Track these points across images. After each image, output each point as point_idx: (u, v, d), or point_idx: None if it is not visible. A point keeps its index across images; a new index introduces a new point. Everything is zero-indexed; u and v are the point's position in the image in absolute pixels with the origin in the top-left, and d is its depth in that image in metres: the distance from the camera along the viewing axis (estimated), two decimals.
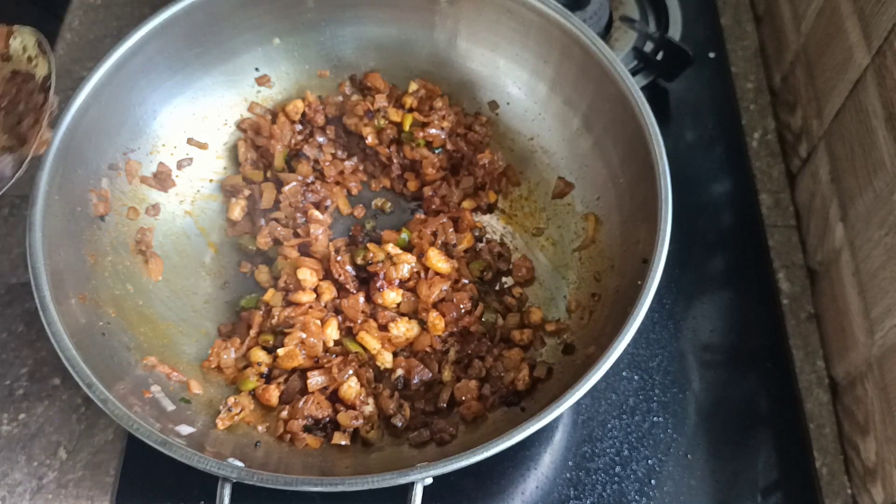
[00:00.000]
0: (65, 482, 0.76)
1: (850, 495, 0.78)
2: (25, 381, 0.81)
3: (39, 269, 0.65)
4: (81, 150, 0.73)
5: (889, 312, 0.72)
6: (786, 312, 0.87)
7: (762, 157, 0.97)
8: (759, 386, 0.81)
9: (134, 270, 0.77)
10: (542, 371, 0.74)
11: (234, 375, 0.75)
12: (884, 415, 0.72)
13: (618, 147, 0.76)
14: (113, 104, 0.76)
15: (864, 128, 0.77)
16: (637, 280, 0.66)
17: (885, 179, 0.72)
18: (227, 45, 0.84)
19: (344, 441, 0.71)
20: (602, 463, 0.77)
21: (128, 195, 0.79)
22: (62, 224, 0.70)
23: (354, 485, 0.57)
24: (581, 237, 0.81)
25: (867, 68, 0.76)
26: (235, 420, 0.71)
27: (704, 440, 0.78)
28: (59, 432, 0.78)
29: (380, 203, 0.88)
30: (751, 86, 1.02)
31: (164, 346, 0.74)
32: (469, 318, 0.78)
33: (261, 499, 0.67)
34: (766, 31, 1.04)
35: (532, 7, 0.78)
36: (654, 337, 0.84)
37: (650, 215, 0.68)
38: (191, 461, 0.58)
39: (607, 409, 0.80)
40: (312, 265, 0.79)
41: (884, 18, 0.73)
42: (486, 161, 0.85)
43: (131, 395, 0.65)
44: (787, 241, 0.91)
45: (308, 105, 0.88)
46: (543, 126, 0.85)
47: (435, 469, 0.58)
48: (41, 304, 0.63)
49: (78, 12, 1.06)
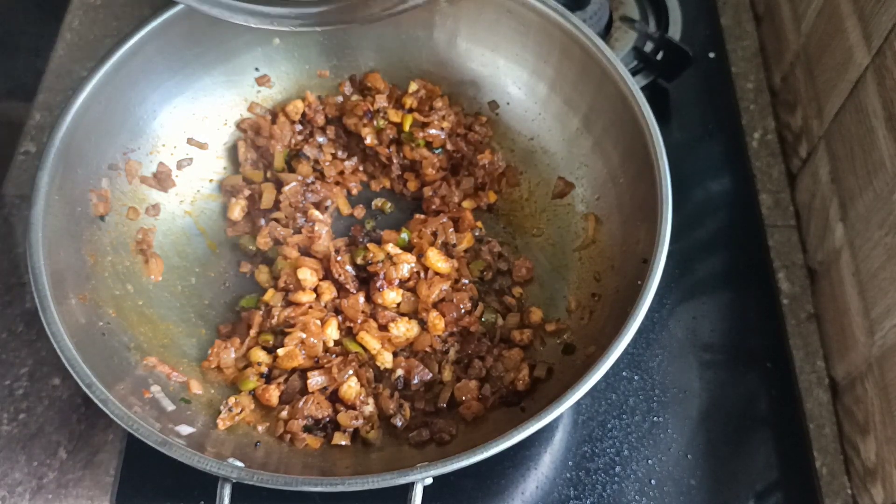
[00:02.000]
0: (65, 482, 0.76)
1: (850, 495, 0.78)
2: (25, 381, 0.81)
3: (39, 269, 0.65)
4: (81, 150, 0.73)
5: (889, 312, 0.72)
6: (786, 312, 0.87)
7: (762, 156, 0.97)
8: (759, 386, 0.81)
9: (134, 270, 0.77)
10: (542, 371, 0.74)
11: (234, 375, 0.75)
12: (884, 415, 0.72)
13: (618, 147, 0.76)
14: (113, 104, 0.76)
15: (864, 128, 0.77)
16: (637, 280, 0.66)
17: (885, 179, 0.72)
18: (227, 45, 0.84)
19: (344, 441, 0.71)
20: (602, 463, 0.77)
21: (128, 195, 0.79)
22: (62, 224, 0.70)
23: (354, 485, 0.57)
24: (581, 237, 0.81)
25: (867, 68, 0.76)
26: (236, 420, 0.71)
27: (704, 440, 0.78)
28: (59, 432, 0.78)
29: (380, 203, 0.88)
30: (751, 86, 1.02)
31: (164, 346, 0.74)
32: (469, 318, 0.78)
33: (261, 499, 0.67)
34: (766, 31, 1.04)
35: (532, 7, 0.78)
36: (654, 337, 0.84)
37: (650, 215, 0.68)
38: (191, 461, 0.58)
39: (607, 409, 0.80)
40: (312, 265, 0.79)
41: (884, 18, 0.73)
42: (486, 161, 0.85)
43: (131, 395, 0.65)
44: (787, 241, 0.91)
45: (308, 105, 0.88)
46: (543, 126, 0.85)
47: (435, 469, 0.58)
48: (41, 304, 0.63)
49: (78, 12, 1.06)
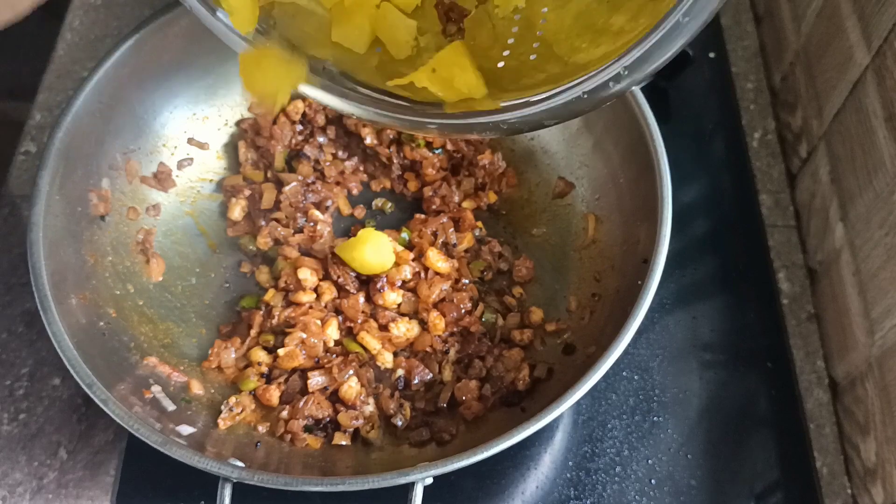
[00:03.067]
0: (65, 482, 0.76)
1: (850, 495, 0.78)
2: (26, 381, 0.81)
3: (40, 269, 0.65)
4: (82, 150, 0.73)
5: (889, 312, 0.72)
6: (786, 312, 0.87)
7: (762, 157, 0.97)
8: (759, 386, 0.81)
9: (134, 270, 0.77)
10: (542, 371, 0.74)
11: (235, 375, 0.75)
12: (884, 415, 0.72)
13: (618, 147, 0.76)
14: (113, 104, 0.76)
15: (863, 128, 0.77)
16: (637, 280, 0.66)
17: (885, 179, 0.72)
18: (228, 46, 0.84)
19: (344, 441, 0.71)
20: (602, 463, 0.77)
21: (128, 195, 0.79)
22: (62, 224, 0.70)
23: (354, 485, 0.57)
24: (581, 237, 0.81)
25: (867, 68, 0.76)
26: (237, 420, 0.71)
27: (704, 440, 0.78)
28: (59, 432, 0.78)
29: (380, 203, 0.88)
30: (751, 86, 1.02)
31: (165, 347, 0.74)
32: (469, 318, 0.78)
33: (261, 499, 0.67)
34: (766, 32, 1.04)
35: None
36: (654, 337, 0.84)
37: (650, 215, 0.68)
38: (191, 461, 0.58)
39: (607, 409, 0.80)
40: (312, 265, 0.79)
41: (884, 18, 0.73)
42: (487, 162, 0.85)
43: (132, 396, 0.65)
44: (787, 241, 0.91)
45: (308, 105, 0.88)
46: None
47: (435, 469, 0.58)
48: (41, 304, 0.63)
49: (78, 12, 1.06)
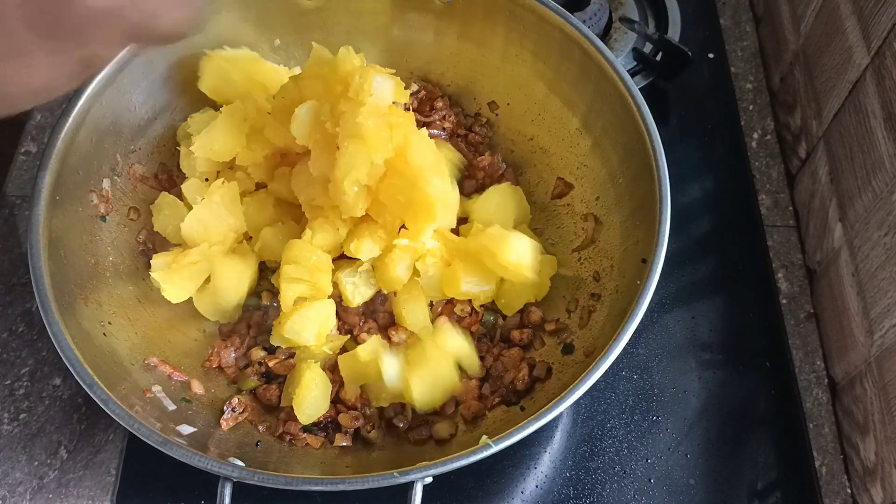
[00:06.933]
0: (65, 481, 0.76)
1: (849, 495, 0.78)
2: (26, 381, 0.81)
3: (40, 270, 0.65)
4: (82, 151, 0.73)
5: (888, 312, 0.72)
6: (785, 312, 0.87)
7: (761, 157, 0.97)
8: (759, 386, 0.82)
9: (135, 270, 0.77)
10: (541, 371, 0.74)
11: (235, 375, 0.75)
12: (883, 414, 0.72)
13: (617, 147, 0.76)
14: (114, 105, 0.76)
15: (863, 128, 0.77)
16: (636, 280, 0.66)
17: (884, 179, 0.72)
18: (228, 46, 0.84)
19: (345, 442, 0.71)
20: (602, 462, 0.77)
21: (129, 195, 0.79)
22: (63, 224, 0.70)
23: (355, 484, 0.57)
24: (581, 237, 0.81)
25: (866, 69, 0.76)
26: (239, 420, 0.71)
27: (704, 440, 0.78)
28: (59, 432, 0.79)
29: None
30: (750, 86, 1.02)
31: (165, 346, 0.74)
32: (469, 318, 0.78)
33: (261, 498, 0.67)
34: (765, 32, 1.05)
35: (531, 8, 0.78)
36: (654, 337, 0.84)
37: (649, 215, 0.68)
38: (191, 461, 0.58)
39: (607, 409, 0.80)
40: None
41: (883, 18, 0.73)
42: (486, 163, 0.85)
43: (132, 395, 0.65)
44: (787, 241, 0.92)
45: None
46: (543, 126, 0.85)
47: (435, 469, 0.58)
48: (42, 304, 0.63)
49: None
